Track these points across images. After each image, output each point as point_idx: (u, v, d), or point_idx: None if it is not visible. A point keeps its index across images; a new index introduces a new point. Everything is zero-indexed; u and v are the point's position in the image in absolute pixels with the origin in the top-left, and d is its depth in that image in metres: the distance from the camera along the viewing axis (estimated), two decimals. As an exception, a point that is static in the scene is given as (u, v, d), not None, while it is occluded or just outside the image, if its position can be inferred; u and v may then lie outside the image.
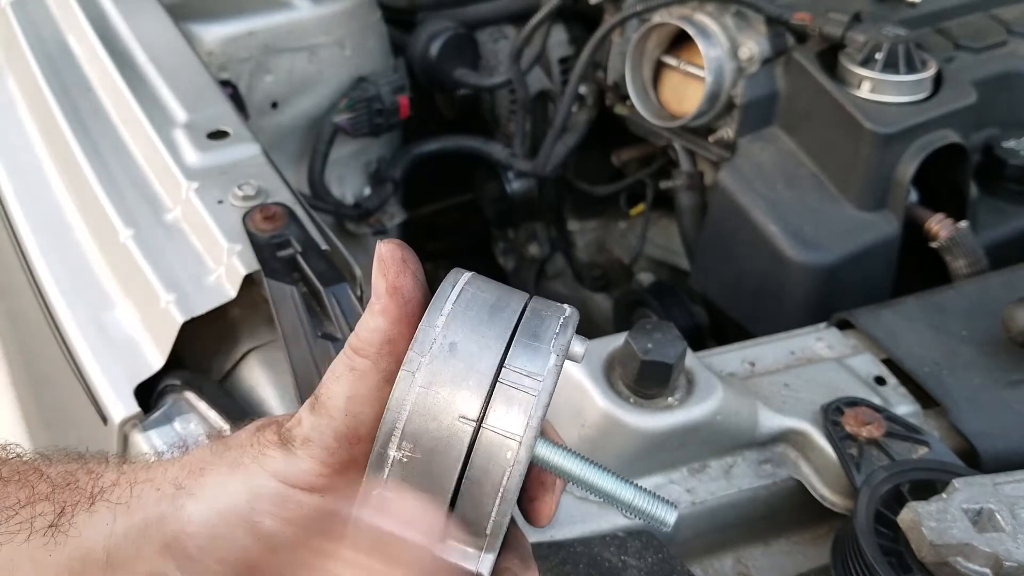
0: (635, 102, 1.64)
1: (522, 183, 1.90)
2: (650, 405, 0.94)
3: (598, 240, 2.07)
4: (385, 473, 0.45)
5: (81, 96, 1.32)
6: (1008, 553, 0.76)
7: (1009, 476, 0.83)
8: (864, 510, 0.83)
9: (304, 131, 1.76)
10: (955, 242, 1.38)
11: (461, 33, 1.88)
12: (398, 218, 1.89)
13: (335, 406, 0.49)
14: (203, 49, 1.57)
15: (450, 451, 0.45)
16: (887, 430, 0.94)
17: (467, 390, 0.45)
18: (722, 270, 1.57)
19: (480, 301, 0.48)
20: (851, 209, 1.43)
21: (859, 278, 1.42)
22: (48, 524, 0.49)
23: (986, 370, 1.07)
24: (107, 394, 1.01)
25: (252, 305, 1.06)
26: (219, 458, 0.51)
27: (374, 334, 0.48)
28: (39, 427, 1.43)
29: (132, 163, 1.22)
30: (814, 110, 1.47)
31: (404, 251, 0.49)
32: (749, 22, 1.55)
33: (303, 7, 1.69)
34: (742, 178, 1.50)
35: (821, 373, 1.05)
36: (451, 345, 0.46)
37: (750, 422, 0.98)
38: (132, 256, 1.08)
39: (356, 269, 1.05)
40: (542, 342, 0.47)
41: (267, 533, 0.50)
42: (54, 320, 1.10)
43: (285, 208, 1.08)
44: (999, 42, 1.61)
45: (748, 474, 0.98)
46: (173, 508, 0.50)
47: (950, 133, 1.43)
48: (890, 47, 1.42)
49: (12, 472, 0.51)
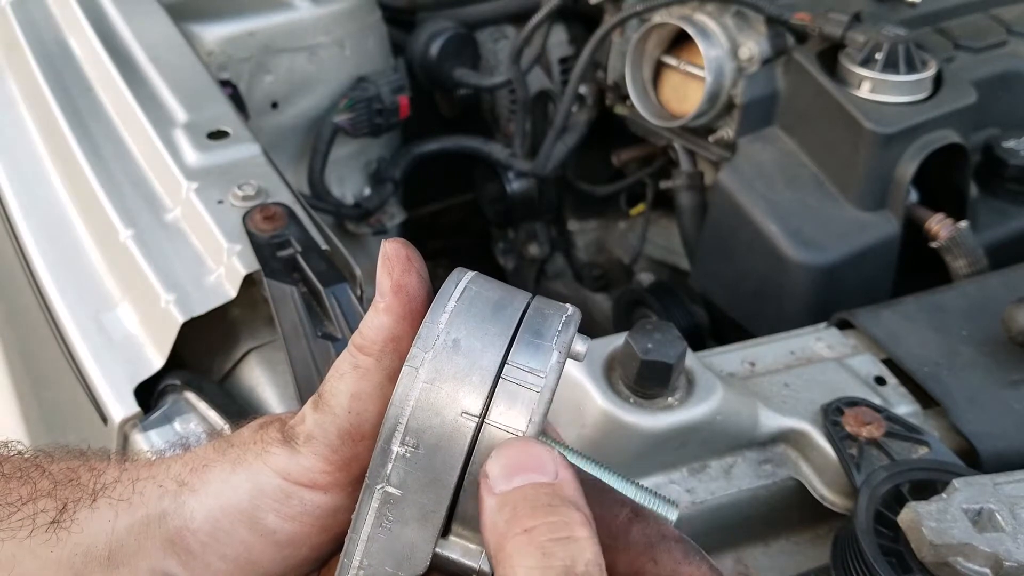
0: (635, 102, 1.64)
1: (522, 183, 1.90)
2: (650, 405, 0.94)
3: (598, 240, 2.07)
4: (388, 468, 0.46)
5: (81, 96, 1.32)
6: (1008, 553, 0.76)
7: (1009, 476, 0.83)
8: (864, 510, 0.83)
9: (304, 131, 1.76)
10: (955, 242, 1.38)
11: (461, 33, 1.88)
12: (398, 218, 1.89)
13: (338, 403, 0.49)
14: (203, 49, 1.57)
15: (453, 447, 0.45)
16: (887, 430, 0.94)
17: (470, 386, 0.45)
18: (722, 270, 1.57)
19: (483, 299, 0.48)
20: (851, 209, 1.43)
21: (859, 278, 1.42)
22: (50, 520, 0.49)
23: (986, 370, 1.07)
24: (107, 394, 1.01)
25: (252, 305, 1.06)
26: (222, 455, 0.51)
27: (378, 332, 0.48)
28: (39, 427, 1.43)
29: (132, 163, 1.22)
30: (814, 110, 1.47)
31: (409, 250, 0.49)
32: (749, 22, 1.55)
33: (303, 7, 1.69)
34: (742, 178, 1.50)
35: (821, 373, 1.05)
36: (454, 342, 0.46)
37: (750, 422, 0.98)
38: (132, 256, 1.08)
39: (356, 269, 1.05)
40: (544, 340, 0.47)
41: (270, 529, 0.50)
42: (54, 320, 1.10)
43: (285, 208, 1.08)
44: (999, 42, 1.61)
45: (748, 474, 0.98)
46: (175, 504, 0.50)
47: (950, 133, 1.43)
48: (890, 47, 1.42)
49: (14, 468, 0.51)
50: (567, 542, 0.41)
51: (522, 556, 0.41)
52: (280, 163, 1.22)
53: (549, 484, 0.43)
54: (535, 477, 0.43)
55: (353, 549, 0.47)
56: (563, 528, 0.41)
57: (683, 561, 0.50)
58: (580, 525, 0.42)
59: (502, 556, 0.41)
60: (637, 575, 0.49)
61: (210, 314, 1.02)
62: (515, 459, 0.44)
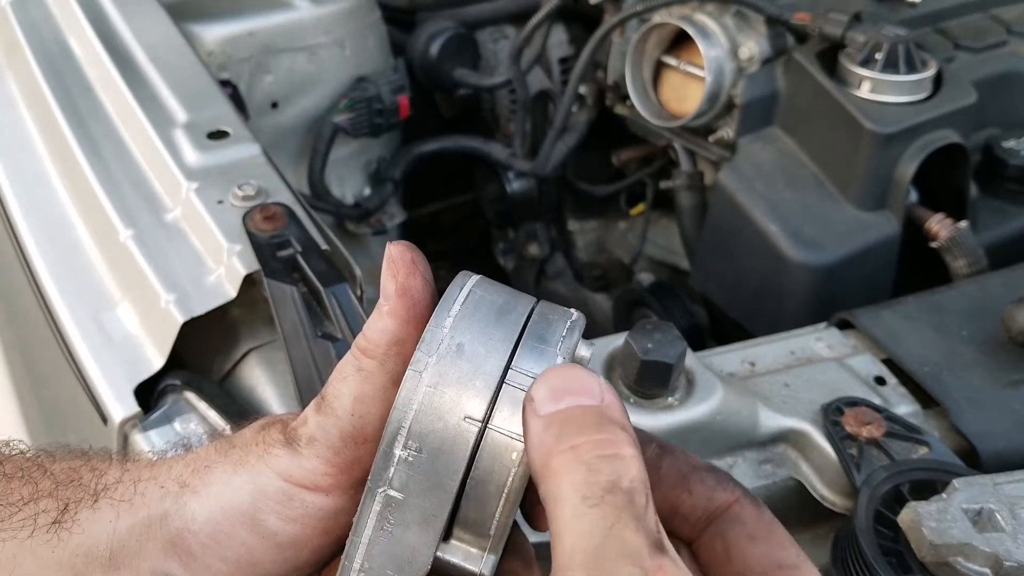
0: (635, 102, 1.64)
1: (522, 183, 1.90)
2: (650, 405, 0.94)
3: (598, 240, 2.07)
4: (390, 472, 0.46)
5: (81, 96, 1.32)
6: (1008, 553, 0.76)
7: (1009, 476, 0.83)
8: (864, 510, 0.83)
9: (304, 131, 1.76)
10: (955, 242, 1.38)
11: (461, 33, 1.88)
12: (398, 218, 1.89)
13: (341, 406, 0.49)
14: (203, 49, 1.57)
15: (455, 451, 0.45)
16: (887, 430, 0.94)
17: (473, 391, 0.45)
18: (722, 270, 1.57)
19: (487, 304, 0.48)
20: (851, 209, 1.43)
21: (859, 278, 1.42)
22: (51, 521, 0.49)
23: (986, 370, 1.07)
24: (107, 394, 1.01)
25: (252, 305, 1.06)
26: (223, 456, 0.51)
27: (382, 335, 0.48)
28: (39, 427, 1.43)
29: (132, 163, 1.22)
30: (814, 110, 1.47)
31: (414, 253, 0.49)
32: (749, 22, 1.55)
33: (303, 7, 1.69)
34: (742, 178, 1.50)
35: (821, 373, 1.05)
36: (458, 346, 0.46)
37: (750, 422, 0.98)
38: (132, 256, 1.08)
39: (356, 269, 1.05)
40: (549, 345, 0.47)
41: (271, 531, 0.50)
42: (54, 320, 1.10)
43: (285, 208, 1.08)
44: (999, 42, 1.61)
45: (748, 474, 0.98)
46: (177, 506, 0.50)
47: (950, 133, 1.43)
48: (890, 47, 1.42)
49: (15, 468, 0.51)
50: (613, 459, 0.41)
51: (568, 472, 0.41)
52: (280, 163, 1.22)
53: (595, 407, 0.43)
54: (582, 400, 0.43)
55: (354, 552, 0.47)
56: (609, 446, 0.41)
57: (717, 488, 0.50)
58: (626, 444, 0.42)
59: (547, 472, 0.42)
60: (673, 507, 0.50)
61: (210, 314, 1.02)
62: (561, 383, 0.44)
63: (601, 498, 0.39)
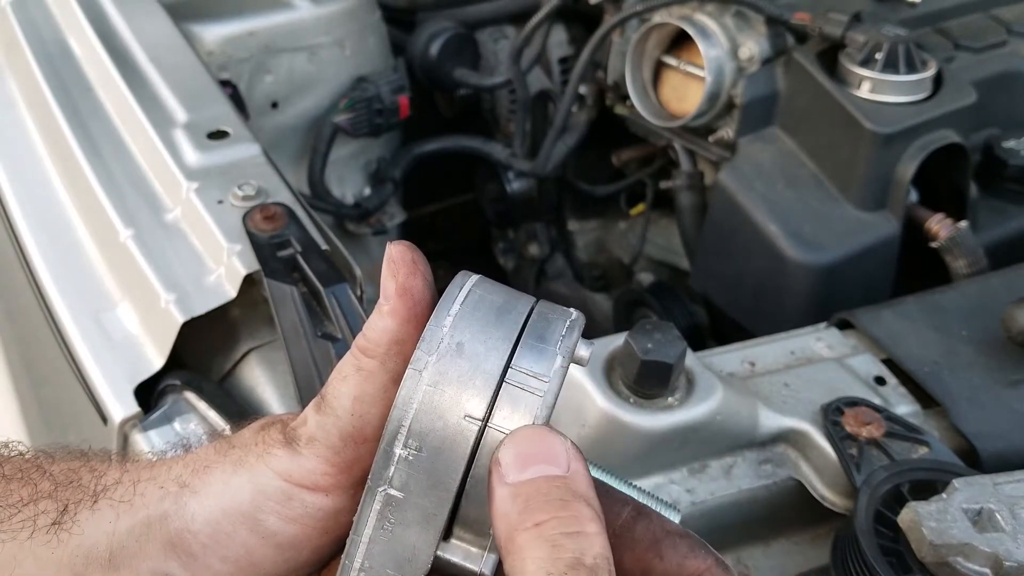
0: (635, 102, 1.64)
1: (522, 183, 1.90)
2: (650, 405, 0.94)
3: (598, 240, 2.07)
4: (391, 471, 0.46)
5: (81, 96, 1.32)
6: (1008, 553, 0.76)
7: (1009, 476, 0.83)
8: (864, 510, 0.83)
9: (304, 131, 1.76)
10: (955, 242, 1.38)
11: (461, 33, 1.88)
12: (398, 218, 1.89)
13: (341, 406, 0.49)
14: (203, 49, 1.57)
15: (456, 450, 0.45)
16: (887, 430, 0.94)
17: (473, 390, 0.45)
18: (722, 270, 1.57)
19: (487, 303, 0.48)
20: (851, 209, 1.44)
21: (859, 278, 1.42)
22: (51, 522, 0.49)
23: (986, 370, 1.07)
24: (107, 394, 1.01)
25: (252, 305, 1.06)
26: (223, 456, 0.51)
27: (382, 335, 0.48)
28: (39, 427, 1.43)
29: (132, 163, 1.22)
30: (814, 110, 1.47)
31: (414, 253, 0.49)
32: (749, 22, 1.55)
33: (303, 7, 1.69)
34: (742, 178, 1.50)
35: (821, 373, 1.05)
36: (458, 345, 0.46)
37: (750, 422, 0.98)
38: (132, 256, 1.08)
39: (356, 269, 1.05)
40: (548, 344, 0.47)
41: (271, 531, 0.50)
42: (54, 320, 1.10)
43: (285, 208, 1.08)
44: (999, 42, 1.61)
45: (748, 474, 0.98)
46: (176, 506, 0.50)
47: (950, 133, 1.43)
48: (890, 47, 1.42)
49: (14, 469, 0.51)
50: (577, 536, 0.41)
51: (532, 548, 0.41)
52: (280, 163, 1.22)
53: (561, 477, 0.43)
54: (548, 469, 0.43)
55: (354, 551, 0.47)
56: (573, 523, 0.42)
57: (689, 555, 0.50)
58: (590, 520, 0.42)
59: (512, 547, 0.42)
60: (644, 572, 0.50)
61: (210, 314, 1.02)
62: (528, 448, 0.44)
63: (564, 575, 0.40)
